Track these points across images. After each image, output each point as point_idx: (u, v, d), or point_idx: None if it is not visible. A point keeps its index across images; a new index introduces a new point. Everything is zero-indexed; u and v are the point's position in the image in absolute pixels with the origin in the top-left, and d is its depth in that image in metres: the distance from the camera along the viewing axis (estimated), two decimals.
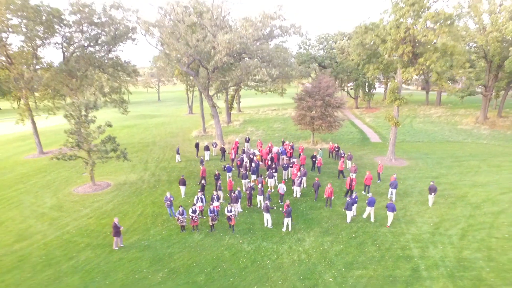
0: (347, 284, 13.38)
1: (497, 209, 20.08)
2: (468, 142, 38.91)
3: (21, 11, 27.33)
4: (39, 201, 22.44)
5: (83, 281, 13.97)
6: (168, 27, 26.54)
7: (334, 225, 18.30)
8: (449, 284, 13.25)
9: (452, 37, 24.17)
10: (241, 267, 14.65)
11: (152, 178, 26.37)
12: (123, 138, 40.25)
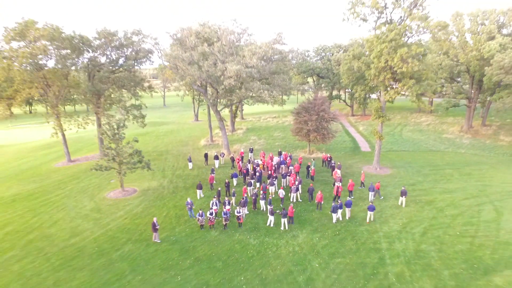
0: (329, 269, 17.91)
1: (456, 212, 24.59)
2: (448, 152, 43.39)
3: (58, 40, 31.92)
4: (80, 204, 27.05)
5: (130, 266, 18.54)
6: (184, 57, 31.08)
7: (322, 224, 22.83)
8: (405, 269, 17.78)
9: (424, 66, 28.69)
10: (249, 256, 19.19)
11: (170, 184, 30.98)
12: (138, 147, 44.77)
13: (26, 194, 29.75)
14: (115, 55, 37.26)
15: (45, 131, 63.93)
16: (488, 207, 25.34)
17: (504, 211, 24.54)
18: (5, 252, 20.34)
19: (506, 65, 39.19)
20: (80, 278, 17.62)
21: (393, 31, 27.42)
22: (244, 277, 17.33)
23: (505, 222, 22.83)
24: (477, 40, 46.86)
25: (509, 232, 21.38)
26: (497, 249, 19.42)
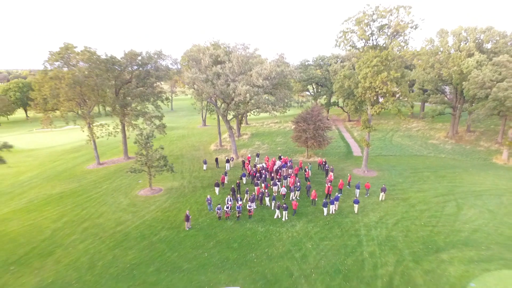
0: (318, 248, 23.63)
1: (425, 207, 30.26)
2: (430, 156, 49.02)
3: (94, 63, 37.79)
4: (117, 200, 32.89)
5: (168, 246, 24.33)
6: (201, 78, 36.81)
7: (316, 216, 28.55)
8: (376, 249, 23.48)
9: (401, 87, 34.38)
10: (257, 239, 24.94)
11: (190, 184, 36.79)
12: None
13: (70, 192, 35.63)
14: (138, 72, 43.10)
15: (67, 135, 70.03)
16: (452, 203, 31.00)
17: (464, 206, 30.21)
18: (69, 236, 26.20)
19: (480, 81, 44.75)
20: (131, 254, 23.43)
21: (376, 58, 33.16)
22: (255, 254, 23.09)
23: (462, 215, 28.51)
24: (457, 56, 52.47)
25: (463, 223, 27.07)
26: (449, 235, 25.11)
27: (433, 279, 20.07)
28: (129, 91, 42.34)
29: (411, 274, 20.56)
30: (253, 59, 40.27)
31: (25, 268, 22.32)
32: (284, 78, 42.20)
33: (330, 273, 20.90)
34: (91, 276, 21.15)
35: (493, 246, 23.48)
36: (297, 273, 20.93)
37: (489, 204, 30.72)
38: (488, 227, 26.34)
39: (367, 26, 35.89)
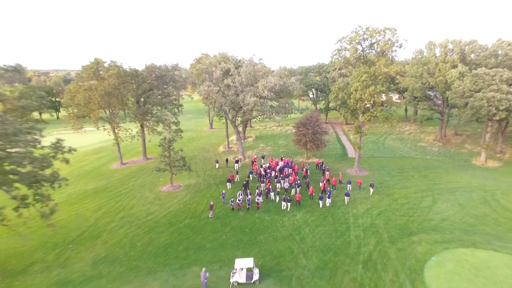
0: (314, 233, 29.21)
1: (406, 201, 35.78)
2: (417, 158, 54.55)
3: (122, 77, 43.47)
4: (144, 195, 38.58)
5: (192, 230, 29.98)
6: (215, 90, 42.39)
7: (313, 208, 34.14)
8: (361, 233, 29.04)
9: (387, 99, 39.94)
10: (264, 226, 30.54)
11: (204, 181, 42.46)
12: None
13: (102, 188, 41.33)
14: (157, 83, 48.79)
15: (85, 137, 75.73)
16: (429, 198, 36.55)
17: (439, 201, 35.76)
18: (109, 223, 31.89)
19: (460, 91, 50.23)
20: (163, 237, 29.10)
21: (365, 74, 38.78)
22: (263, 237, 28.72)
23: (435, 208, 34.07)
24: (443, 68, 58.00)
25: (435, 214, 32.64)
26: (422, 223, 30.68)
27: (404, 254, 25.63)
28: (150, 100, 48.04)
29: (387, 251, 26.14)
30: (258, 71, 45.69)
31: (80, 246, 28.03)
32: (286, 88, 47.72)
33: (323, 250, 26.50)
34: (134, 252, 26.83)
35: (455, 231, 29.04)
36: (297, 251, 26.54)
37: (460, 198, 36.27)
38: (455, 217, 31.91)
39: (359, 44, 41.59)
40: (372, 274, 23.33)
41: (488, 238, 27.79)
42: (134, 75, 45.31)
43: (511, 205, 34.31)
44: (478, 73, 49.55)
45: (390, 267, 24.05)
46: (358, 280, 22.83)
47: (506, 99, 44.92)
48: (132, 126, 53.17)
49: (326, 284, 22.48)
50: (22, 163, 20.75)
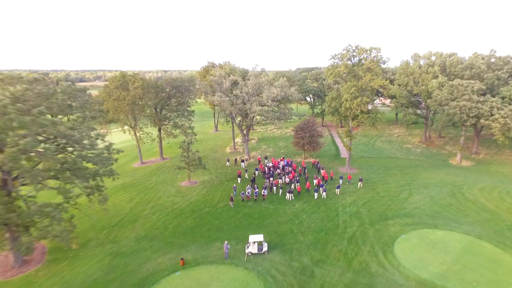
0: (310, 218, 36.33)
1: (386, 194, 42.98)
2: (402, 158, 61.83)
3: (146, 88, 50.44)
4: (167, 189, 45.57)
5: (211, 216, 37.05)
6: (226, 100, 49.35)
7: (309, 199, 41.26)
8: (347, 218, 36.19)
9: (373, 108, 47.09)
10: (270, 213, 37.66)
11: (217, 178, 49.50)
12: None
13: (129, 184, 48.27)
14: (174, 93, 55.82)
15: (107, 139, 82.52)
16: (406, 191, 43.73)
17: (414, 194, 42.93)
18: (143, 211, 38.91)
19: (438, 99, 57.49)
20: (189, 221, 36.14)
21: (353, 87, 45.98)
22: (269, 221, 35.80)
23: (410, 199, 41.25)
24: (425, 78, 65.33)
25: (409, 204, 39.79)
26: (397, 211, 37.85)
27: (379, 233, 32.77)
28: (168, 107, 55.11)
29: (366, 231, 33.28)
30: (262, 83, 52.71)
31: (122, 228, 35.03)
32: (286, 98, 54.80)
33: (317, 231, 33.61)
34: (167, 232, 33.87)
35: (423, 217, 36.24)
36: (296, 231, 33.65)
37: (432, 192, 43.49)
38: (425, 206, 39.13)
39: (349, 60, 48.80)
40: (354, 247, 30.48)
41: (447, 221, 35.02)
42: (155, 86, 52.29)
43: (472, 197, 41.55)
44: (454, 84, 56.89)
45: (368, 242, 31.21)
46: (343, 251, 29.97)
47: (475, 107, 52.22)
48: (150, 130, 60.10)
49: (319, 254, 29.58)
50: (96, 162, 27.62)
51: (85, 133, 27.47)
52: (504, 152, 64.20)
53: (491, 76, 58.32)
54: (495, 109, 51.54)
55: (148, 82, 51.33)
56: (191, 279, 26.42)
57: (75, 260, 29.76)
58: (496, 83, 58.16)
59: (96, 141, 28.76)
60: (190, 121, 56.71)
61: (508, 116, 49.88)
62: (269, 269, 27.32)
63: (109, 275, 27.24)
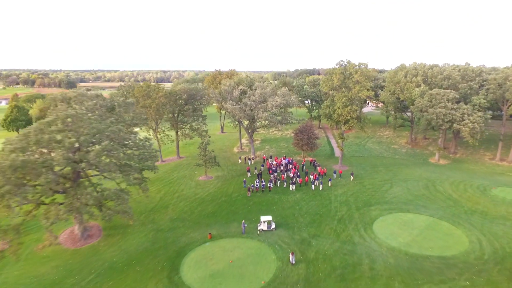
0: (308, 205, 45.01)
1: (371, 187, 51.74)
2: (388, 157, 70.65)
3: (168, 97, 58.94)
4: (188, 183, 54.12)
5: (227, 204, 45.68)
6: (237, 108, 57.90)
7: (307, 191, 49.95)
8: (338, 205, 44.92)
9: (361, 114, 55.86)
10: (275, 201, 46.31)
11: (229, 174, 58.08)
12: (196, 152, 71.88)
13: (154, 179, 56.51)
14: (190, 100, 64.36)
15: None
16: (388, 185, 52.46)
17: (394, 186, 51.66)
18: (170, 200, 47.44)
19: (419, 106, 66.23)
20: (210, 208, 44.75)
21: (344, 97, 54.72)
22: (275, 207, 44.44)
23: (390, 190, 49.97)
24: (410, 87, 74.12)
25: (389, 194, 48.52)
26: (379, 199, 46.58)
27: (363, 216, 41.43)
28: (185, 112, 63.70)
29: (353, 214, 41.96)
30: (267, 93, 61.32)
31: (157, 213, 43.56)
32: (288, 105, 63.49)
33: (313, 214, 42.25)
34: (194, 216, 42.43)
35: (399, 204, 44.97)
36: (297, 214, 42.28)
37: (409, 185, 52.23)
38: (402, 196, 47.85)
39: (341, 74, 57.49)
40: (342, 225, 39.15)
41: (418, 207, 43.79)
42: (175, 95, 60.81)
43: (442, 189, 50.32)
44: (433, 93, 65.71)
45: (353, 222, 39.90)
46: (334, 228, 38.62)
47: (449, 113, 61.04)
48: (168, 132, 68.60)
49: (314, 230, 38.20)
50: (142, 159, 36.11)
51: (135, 136, 35.92)
52: (479, 152, 73.19)
53: (464, 86, 67.16)
54: (466, 115, 60.36)
55: (170, 91, 59.85)
56: (218, 247, 35.00)
57: (125, 235, 38.28)
58: (468, 92, 67.02)
59: (146, 143, 37.15)
60: (205, 125, 65.29)
61: (476, 121, 58.76)
62: (277, 240, 35.92)
63: (155, 245, 35.77)
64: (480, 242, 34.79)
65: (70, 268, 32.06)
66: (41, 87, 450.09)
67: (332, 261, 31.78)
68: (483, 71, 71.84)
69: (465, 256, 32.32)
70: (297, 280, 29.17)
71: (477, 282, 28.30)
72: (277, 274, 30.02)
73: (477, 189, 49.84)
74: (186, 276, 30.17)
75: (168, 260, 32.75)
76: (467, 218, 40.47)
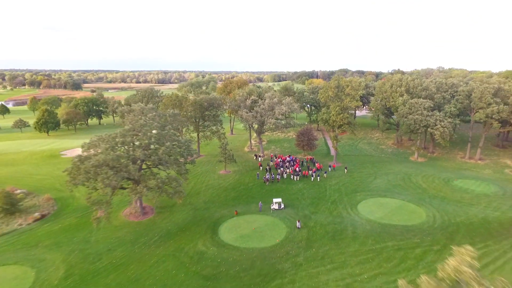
0: (308, 192, 57.94)
1: (359, 178, 64.72)
2: (375, 156, 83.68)
3: (193, 105, 71.75)
4: (211, 176, 66.98)
5: (246, 191, 58.61)
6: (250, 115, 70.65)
7: (307, 181, 62.87)
8: (332, 192, 57.88)
9: (351, 120, 68.84)
10: (283, 189, 59.25)
11: (243, 168, 70.99)
12: (214, 151, 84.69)
13: None
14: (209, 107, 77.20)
15: None
16: (372, 177, 65.43)
17: (377, 178, 64.64)
18: (200, 188, 60.31)
19: (401, 113, 79.18)
20: (232, 194, 57.70)
21: (338, 106, 67.73)
22: (283, 193, 57.34)
23: (374, 181, 62.91)
24: (394, 96, 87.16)
25: (373, 184, 61.54)
26: (364, 188, 59.55)
27: (350, 200, 54.35)
28: (205, 117, 76.65)
29: (343, 198, 54.92)
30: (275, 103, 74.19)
31: (192, 197, 56.35)
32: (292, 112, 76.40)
33: (312, 198, 55.18)
34: (221, 199, 55.30)
35: (379, 191, 57.89)
36: (300, 198, 55.19)
37: (390, 177, 65.20)
38: (382, 186, 60.79)
39: (335, 88, 70.47)
40: (334, 206, 52.07)
41: (393, 193, 56.73)
42: (199, 103, 73.67)
43: (415, 180, 63.24)
44: (412, 102, 78.76)
45: (343, 204, 52.82)
46: (328, 207, 51.53)
47: (425, 119, 74.06)
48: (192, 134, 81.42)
49: (313, 209, 51.06)
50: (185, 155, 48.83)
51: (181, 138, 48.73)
52: (453, 152, 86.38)
53: (438, 97, 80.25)
54: (438, 121, 73.42)
55: (195, 100, 72.73)
56: (242, 220, 47.84)
57: (172, 213, 51.08)
58: (442, 101, 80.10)
59: (189, 143, 49.96)
60: (222, 128, 78.23)
61: (446, 126, 71.82)
62: (285, 216, 48.79)
63: (196, 218, 48.62)
64: (434, 216, 47.74)
65: (138, 233, 44.87)
66: (47, 88, 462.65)
67: (325, 228, 44.70)
68: (455, 84, 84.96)
69: (421, 225, 45.26)
70: (301, 239, 42.05)
71: (425, 239, 41.21)
72: (287, 235, 42.94)
73: (442, 181, 62.93)
74: (223, 237, 43.02)
75: (208, 228, 45.62)
76: (429, 201, 53.42)
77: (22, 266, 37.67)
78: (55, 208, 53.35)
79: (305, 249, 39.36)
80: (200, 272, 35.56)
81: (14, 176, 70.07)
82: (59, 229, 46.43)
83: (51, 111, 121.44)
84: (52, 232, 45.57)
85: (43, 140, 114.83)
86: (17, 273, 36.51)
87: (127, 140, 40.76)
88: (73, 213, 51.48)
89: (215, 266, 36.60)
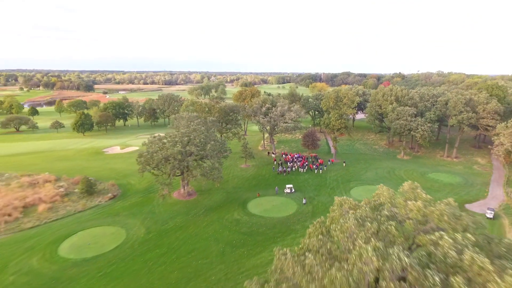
0: (313, 181, 74.39)
1: (353, 171, 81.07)
2: (369, 154, 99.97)
3: (219, 111, 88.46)
4: (234, 169, 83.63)
5: (264, 180, 75.21)
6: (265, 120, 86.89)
7: (312, 173, 79.29)
8: (331, 181, 74.29)
9: (348, 124, 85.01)
10: (292, 179, 75.76)
11: (260, 163, 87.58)
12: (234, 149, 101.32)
13: None
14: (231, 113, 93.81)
15: None
16: (364, 170, 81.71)
17: (368, 172, 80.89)
18: (227, 177, 76.91)
19: (390, 118, 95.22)
20: (253, 183, 74.35)
21: (337, 113, 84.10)
22: (293, 182, 73.79)
23: (365, 174, 79.25)
24: (385, 104, 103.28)
25: (364, 176, 77.86)
26: (356, 178, 75.94)
27: (345, 187, 70.68)
28: (228, 121, 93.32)
29: (339, 186, 71.30)
30: (285, 110, 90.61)
31: (223, 184, 72.57)
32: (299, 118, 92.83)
33: (316, 185, 71.61)
34: (246, 186, 71.88)
35: (368, 181, 74.21)
36: (306, 185, 71.62)
37: (378, 171, 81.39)
38: (371, 177, 77.00)
39: (335, 98, 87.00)
40: (332, 191, 68.46)
41: (379, 183, 72.43)
42: (224, 109, 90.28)
43: (398, 174, 79.35)
44: (399, 110, 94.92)
45: (339, 190, 69.21)
46: (328, 192, 67.94)
47: (408, 125, 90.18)
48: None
49: (317, 193, 67.45)
50: (225, 150, 65.28)
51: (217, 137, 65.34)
52: (434, 151, 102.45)
53: (421, 105, 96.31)
54: (419, 125, 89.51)
55: (220, 107, 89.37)
56: (264, 200, 64.38)
57: (210, 194, 67.68)
58: (424, 109, 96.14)
59: (224, 142, 66.49)
60: (242, 130, 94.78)
61: (425, 130, 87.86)
62: (296, 197, 65.20)
63: (229, 198, 65.21)
64: None
65: (188, 208, 61.48)
66: (61, 90, 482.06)
67: (325, 205, 61.05)
68: (435, 94, 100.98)
69: None
70: (307, 212, 58.50)
71: None
72: (297, 209, 59.43)
73: (419, 174, 79.11)
74: (251, 210, 59.57)
75: (239, 204, 62.19)
76: None
77: (114, 226, 54.41)
78: (120, 191, 70.18)
79: (310, 217, 55.85)
80: (239, 231, 52.14)
81: (74, 168, 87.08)
82: (130, 205, 63.23)
83: (87, 114, 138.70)
84: (125, 207, 62.36)
85: (81, 139, 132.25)
86: (112, 231, 53.23)
87: (184, 139, 57.40)
88: (136, 194, 68.28)
89: (249, 227, 53.22)
